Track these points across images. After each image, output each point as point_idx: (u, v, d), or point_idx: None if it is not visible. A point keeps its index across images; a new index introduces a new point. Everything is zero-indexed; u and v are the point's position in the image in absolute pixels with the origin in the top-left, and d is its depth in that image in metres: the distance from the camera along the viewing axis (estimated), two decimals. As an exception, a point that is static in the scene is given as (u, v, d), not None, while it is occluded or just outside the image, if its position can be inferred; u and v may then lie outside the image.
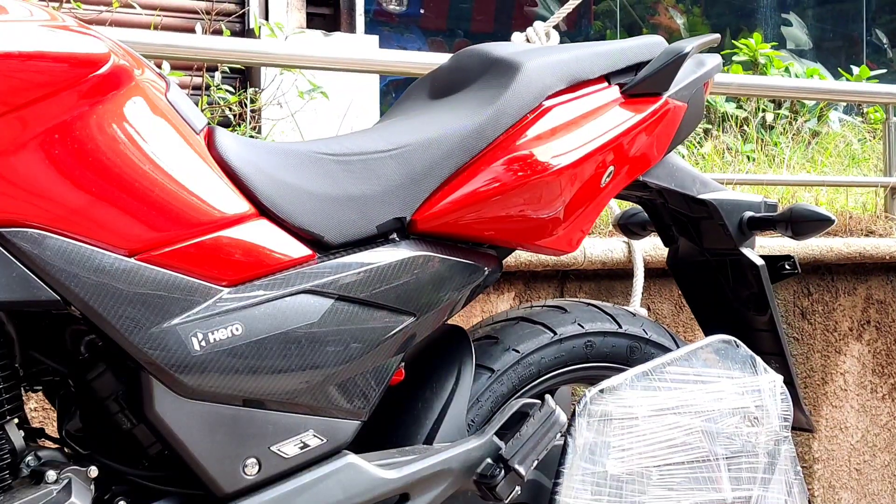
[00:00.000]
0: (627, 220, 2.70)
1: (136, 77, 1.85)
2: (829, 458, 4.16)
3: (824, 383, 4.16)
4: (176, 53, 3.49)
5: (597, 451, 2.16)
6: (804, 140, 6.35)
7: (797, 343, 4.10)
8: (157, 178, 1.82)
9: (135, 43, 3.23)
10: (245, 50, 3.69)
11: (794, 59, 8.88)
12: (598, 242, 3.63)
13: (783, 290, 4.07)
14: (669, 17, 10.12)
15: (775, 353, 2.46)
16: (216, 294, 1.85)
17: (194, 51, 3.46)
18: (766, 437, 2.32)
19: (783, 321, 4.06)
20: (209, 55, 3.64)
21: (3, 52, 1.70)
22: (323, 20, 6.66)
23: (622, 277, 3.68)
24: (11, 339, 1.84)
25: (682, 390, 2.24)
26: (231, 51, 3.58)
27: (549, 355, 2.29)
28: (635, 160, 2.26)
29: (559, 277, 3.60)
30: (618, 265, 3.63)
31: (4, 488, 1.80)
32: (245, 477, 1.91)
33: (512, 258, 3.43)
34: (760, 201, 2.43)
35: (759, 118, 6.64)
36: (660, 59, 2.28)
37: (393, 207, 2.03)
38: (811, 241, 4.06)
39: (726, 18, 10.72)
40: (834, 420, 4.18)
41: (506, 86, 2.14)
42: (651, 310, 3.77)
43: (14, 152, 1.70)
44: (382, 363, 2.03)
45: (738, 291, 2.47)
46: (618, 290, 3.68)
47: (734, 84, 4.41)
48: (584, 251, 3.54)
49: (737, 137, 6.26)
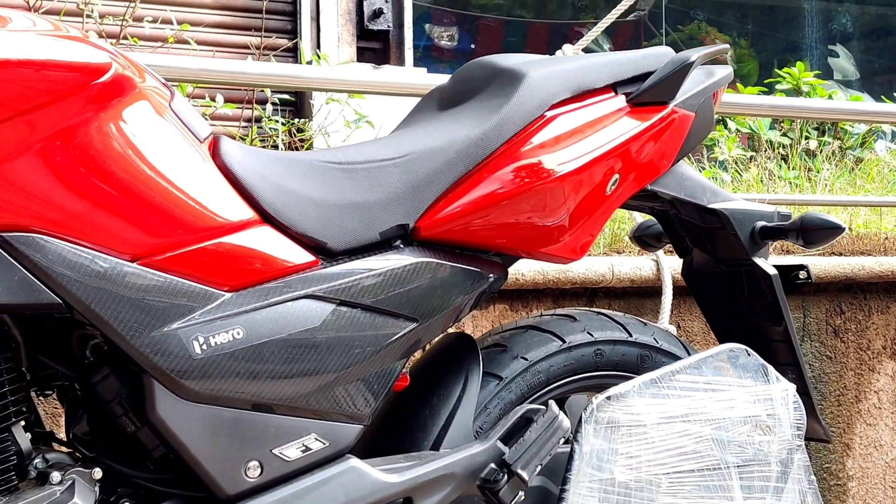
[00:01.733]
0: (643, 232, 2.66)
1: (138, 86, 1.84)
2: (863, 476, 4.07)
3: (858, 401, 4.07)
4: (231, 79, 3.50)
5: (604, 458, 2.12)
6: (847, 166, 6.26)
7: (830, 361, 4.02)
8: (159, 184, 1.81)
9: (193, 70, 3.25)
10: (294, 75, 3.68)
11: (839, 88, 8.77)
12: (627, 260, 3.58)
13: (815, 309, 4.00)
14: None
15: (791, 363, 2.40)
16: (218, 298, 1.83)
17: (247, 76, 3.45)
18: (779, 445, 2.26)
19: (816, 339, 3.99)
20: (261, 80, 3.64)
21: (6, 60, 1.70)
22: (373, 54, 6.67)
23: (651, 295, 3.62)
24: (17, 343, 1.84)
25: (691, 398, 2.19)
26: (281, 76, 3.56)
27: (557, 363, 2.25)
28: (642, 168, 2.21)
29: (588, 295, 3.55)
30: (647, 283, 3.58)
31: (11, 489, 1.79)
32: (247, 479, 1.89)
33: (540, 275, 3.39)
34: (773, 211, 2.38)
35: (803, 145, 6.55)
36: (666, 68, 2.24)
37: (396, 215, 2.01)
38: (843, 260, 3.98)
39: (773, 50, 10.64)
40: (868, 438, 4.09)
41: (510, 95, 2.11)
42: (681, 328, 3.71)
43: (17, 158, 1.69)
44: (385, 368, 2.00)
45: (752, 302, 2.41)
46: (647, 308, 3.63)
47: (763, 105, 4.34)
48: (612, 268, 3.50)
49: (780, 164, 6.18)
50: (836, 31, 11.03)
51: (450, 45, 9.07)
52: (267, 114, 5.08)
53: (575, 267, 3.44)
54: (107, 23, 4.86)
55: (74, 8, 4.85)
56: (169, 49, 4.91)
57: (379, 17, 6.61)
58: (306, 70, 4.42)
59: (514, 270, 3.34)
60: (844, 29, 11.11)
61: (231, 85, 4.48)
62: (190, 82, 4.31)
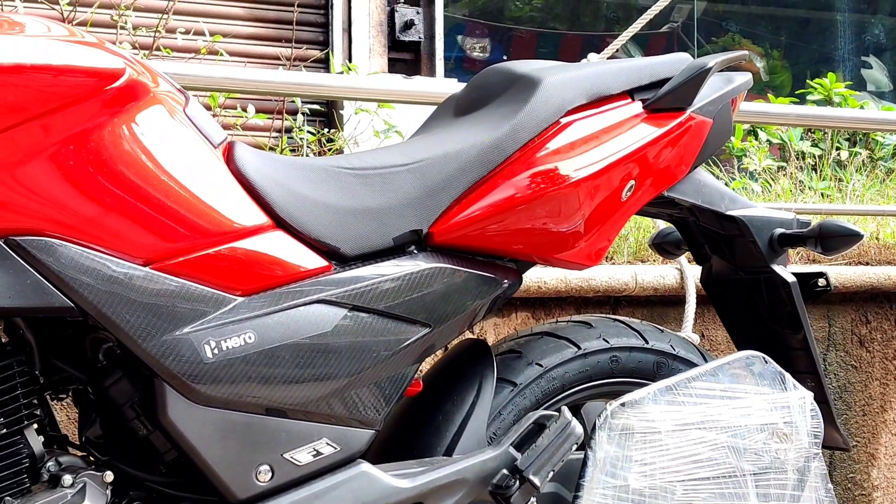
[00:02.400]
0: (662, 239, 2.63)
1: (152, 91, 1.84)
2: (888, 486, 4.02)
3: (883, 411, 4.02)
4: (262, 88, 3.49)
5: (618, 465, 2.10)
6: (878, 177, 6.20)
7: (855, 371, 3.98)
8: (172, 189, 1.80)
9: (224, 79, 3.25)
10: (324, 84, 3.66)
11: (872, 99, 8.70)
12: (650, 269, 3.55)
13: (840, 318, 3.95)
14: (749, 61, 10.00)
15: (810, 371, 2.36)
16: (230, 303, 1.83)
17: (277, 85, 3.44)
18: (796, 453, 2.23)
19: (841, 348, 3.94)
20: (291, 89, 3.62)
21: (20, 65, 1.70)
22: (404, 65, 6.67)
23: (675, 304, 3.59)
24: (31, 347, 1.83)
25: (707, 405, 2.17)
26: (311, 85, 3.54)
27: (572, 370, 2.22)
28: (658, 174, 2.19)
29: (611, 303, 3.53)
30: (670, 291, 3.55)
31: (23, 491, 1.79)
32: (258, 483, 1.87)
33: (562, 283, 3.37)
34: (792, 218, 2.35)
35: (834, 156, 6.50)
36: (683, 73, 2.21)
37: (409, 220, 1.99)
38: (870, 269, 3.94)
39: (806, 62, 10.58)
40: (894, 448, 4.04)
41: (525, 101, 2.09)
42: (704, 336, 3.68)
43: (30, 162, 1.69)
44: (397, 373, 1.98)
45: (772, 310, 2.38)
46: (671, 317, 3.60)
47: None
48: (635, 277, 3.47)
49: (810, 175, 6.13)
50: (869, 42, 10.96)
51: (482, 56, 9.06)
52: (297, 124, 5.08)
53: (598, 275, 3.41)
54: (140, 34, 4.87)
55: (108, 20, 4.86)
56: (201, 60, 4.92)
57: (410, 29, 6.60)
58: (336, 79, 4.41)
59: (536, 278, 3.32)
60: (877, 40, 11.04)
61: (261, 94, 4.47)
62: (221, 91, 4.32)
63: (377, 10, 6.45)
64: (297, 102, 5.00)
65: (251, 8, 6.00)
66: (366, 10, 6.36)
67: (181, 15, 5.46)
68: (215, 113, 4.71)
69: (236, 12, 5.97)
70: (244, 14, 6.00)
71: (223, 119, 4.89)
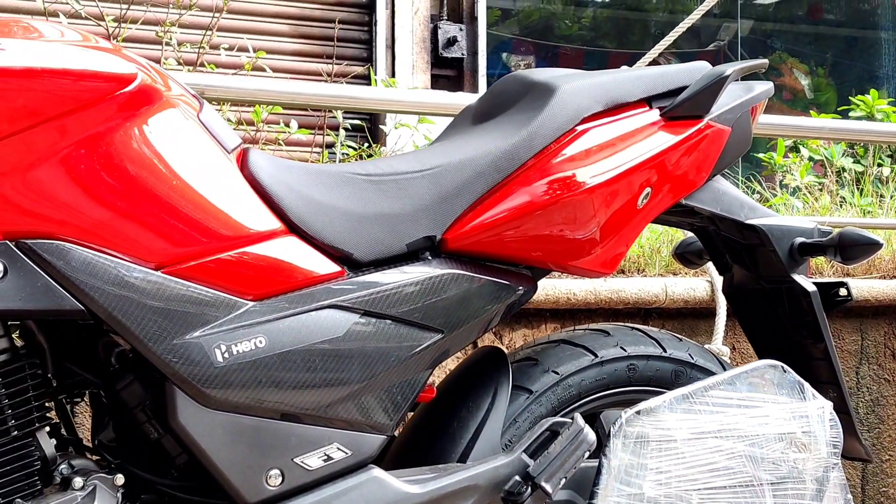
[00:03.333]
0: (684, 249, 2.59)
1: (165, 96, 1.83)
2: (922, 502, 3.95)
3: (917, 425, 3.96)
4: (304, 101, 3.51)
5: (633, 473, 2.07)
6: (921, 193, 6.11)
7: (888, 384, 3.91)
8: (184, 193, 1.79)
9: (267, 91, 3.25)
10: (365, 97, 3.65)
11: (916, 117, 8.59)
12: (681, 281, 3.51)
13: (873, 332, 3.89)
14: (794, 79, 9.91)
15: (832, 382, 2.32)
16: (241, 307, 1.81)
17: (319, 98, 3.45)
18: (815, 463, 2.19)
19: (874, 362, 3.88)
20: (332, 102, 3.61)
21: (32, 68, 1.70)
22: (447, 81, 6.65)
23: (706, 316, 3.55)
24: (42, 349, 1.83)
25: (724, 414, 2.13)
26: (352, 97, 3.52)
27: (589, 378, 2.19)
28: (675, 182, 2.16)
29: (641, 315, 3.49)
30: (700, 303, 3.51)
31: (35, 493, 1.78)
32: (268, 488, 1.86)
33: (592, 294, 3.34)
34: (813, 227, 2.31)
35: (876, 172, 6.42)
36: (700, 81, 2.18)
37: (423, 226, 1.97)
38: (903, 284, 3.88)
39: (851, 79, 10.47)
40: (928, 462, 3.97)
41: (541, 108, 2.06)
42: (735, 349, 3.63)
43: (41, 166, 1.69)
44: (409, 379, 1.96)
45: (793, 319, 2.34)
46: (701, 329, 3.55)
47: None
48: (665, 289, 3.43)
49: (852, 190, 6.06)
50: (913, 60, 10.85)
51: (527, 73, 9.00)
52: (339, 139, 5.07)
53: (628, 286, 3.38)
54: (184, 50, 4.89)
55: (153, 36, 4.88)
56: (245, 76, 4.92)
57: (453, 45, 6.59)
58: (377, 92, 4.41)
59: (565, 290, 3.30)
60: (922, 58, 10.93)
61: (302, 106, 4.47)
62: (263, 103, 4.32)
63: (420, 26, 6.44)
64: (338, 118, 5.00)
65: (296, 25, 6.01)
66: (409, 27, 6.35)
67: (225, 31, 5.48)
68: (259, 128, 4.73)
69: (281, 29, 5.98)
70: (289, 31, 6.01)
71: (266, 134, 4.89)
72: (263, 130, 4.84)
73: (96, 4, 4.74)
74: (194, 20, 4.99)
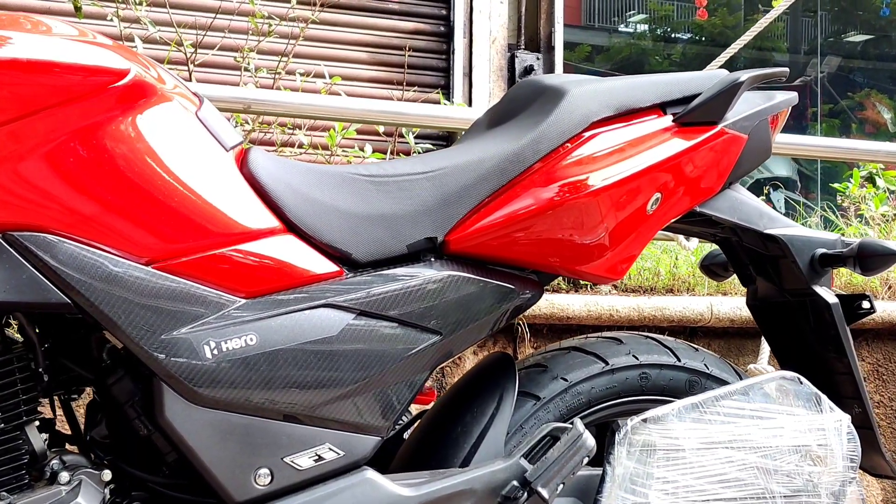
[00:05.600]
0: (710, 261, 2.49)
1: (160, 91, 1.79)
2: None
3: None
4: (378, 118, 3.56)
5: (638, 482, 1.98)
6: None
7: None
8: (176, 189, 1.75)
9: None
10: (440, 115, 3.61)
11: None
12: (727, 300, 3.40)
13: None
14: (877, 112, 9.72)
15: (856, 397, 2.21)
16: (232, 304, 1.76)
17: (393, 115, 3.44)
18: (830, 477, 2.09)
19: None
20: (408, 120, 3.58)
21: (22, 59, 1.68)
22: (523, 107, 6.57)
23: (752, 336, 3.44)
24: (32, 343, 1.79)
25: (736, 424, 2.04)
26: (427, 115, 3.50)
27: (599, 386, 2.11)
28: (687, 188, 2.07)
29: (686, 333, 3.39)
30: (747, 323, 3.40)
31: (22, 487, 1.74)
32: (256, 487, 1.80)
33: (636, 312, 3.25)
34: (836, 239, 2.20)
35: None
36: (714, 87, 2.09)
37: (425, 227, 1.91)
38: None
39: (935, 112, 10.26)
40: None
41: (549, 112, 1.99)
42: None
43: (30, 157, 1.66)
44: (406, 381, 1.89)
45: (817, 333, 2.23)
46: (748, 349, 3.44)
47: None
48: (711, 308, 3.33)
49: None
50: None
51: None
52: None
53: (672, 304, 3.28)
54: (261, 75, 4.89)
55: (232, 61, 4.89)
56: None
57: (530, 74, 6.53)
58: (450, 111, 4.36)
59: (608, 306, 3.21)
60: None
61: (377, 123, 4.42)
62: (338, 120, 4.27)
63: (498, 55, 6.38)
64: (410, 142, 4.96)
65: (374, 52, 5.99)
66: (486, 55, 6.29)
67: (303, 58, 5.47)
68: (333, 152, 4.70)
69: (358, 56, 5.96)
70: (366, 58, 5.98)
71: (340, 158, 4.87)
72: (338, 154, 4.81)
73: (175, 30, 4.76)
74: (272, 46, 4.99)
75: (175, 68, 4.87)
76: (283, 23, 4.97)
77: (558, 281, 3.48)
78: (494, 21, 6.30)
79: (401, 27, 6.12)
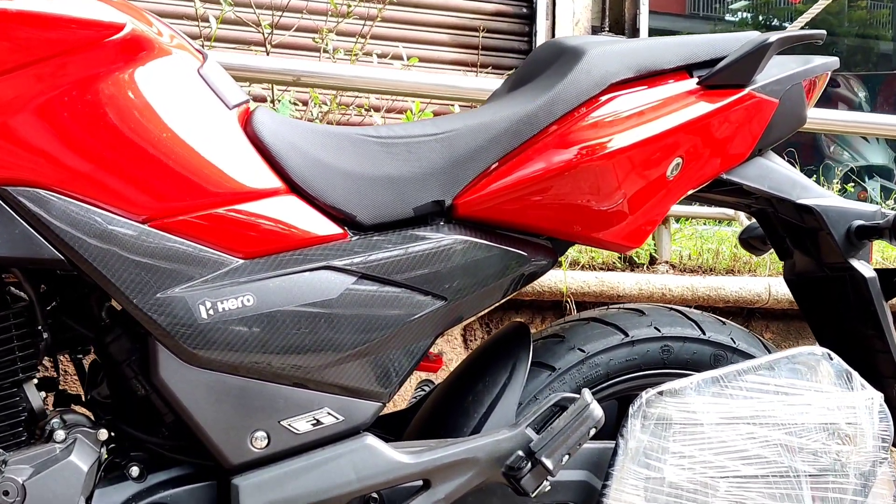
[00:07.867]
0: (749, 234, 2.39)
1: (158, 46, 1.76)
2: None
3: None
4: (453, 94, 3.46)
5: (652, 456, 1.91)
6: None
7: None
8: (173, 145, 1.71)
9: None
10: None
11: None
12: (786, 281, 3.28)
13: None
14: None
15: (895, 376, 2.10)
16: (229, 265, 1.72)
17: (467, 91, 3.36)
18: (860, 456, 1.99)
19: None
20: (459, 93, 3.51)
21: (15, 10, 1.65)
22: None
23: (813, 318, 3.30)
24: (30, 300, 1.76)
25: (759, 400, 1.95)
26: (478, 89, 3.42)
27: (618, 357, 2.03)
28: (711, 153, 1.97)
29: (744, 315, 3.28)
30: (806, 304, 3.27)
31: (18, 444, 1.73)
32: (252, 449, 1.76)
33: (690, 291, 3.15)
34: (875, 210, 2.09)
35: None
36: (742, 48, 1.99)
37: (433, 190, 1.85)
38: None
39: None
40: None
41: (566, 73, 1.92)
42: (842, 352, 3.37)
43: (23, 110, 1.64)
44: (408, 347, 1.84)
45: (856, 310, 2.12)
46: (808, 332, 3.31)
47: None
48: (769, 288, 3.22)
49: None
50: None
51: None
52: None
53: (728, 284, 3.18)
54: (339, 56, 4.86)
55: (310, 42, 4.87)
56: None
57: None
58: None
59: (660, 285, 3.12)
60: None
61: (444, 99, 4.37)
62: (411, 96, 4.21)
63: (581, 39, 6.30)
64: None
65: (454, 34, 5.93)
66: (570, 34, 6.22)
67: (382, 39, 5.43)
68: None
69: (438, 38, 5.91)
70: (447, 40, 5.93)
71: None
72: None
73: (253, 10, 4.75)
74: (350, 28, 4.96)
75: (253, 49, 4.88)
76: (361, 3, 4.93)
77: (614, 259, 3.40)
78: (578, 3, 6.21)
79: (483, 9, 6.06)
